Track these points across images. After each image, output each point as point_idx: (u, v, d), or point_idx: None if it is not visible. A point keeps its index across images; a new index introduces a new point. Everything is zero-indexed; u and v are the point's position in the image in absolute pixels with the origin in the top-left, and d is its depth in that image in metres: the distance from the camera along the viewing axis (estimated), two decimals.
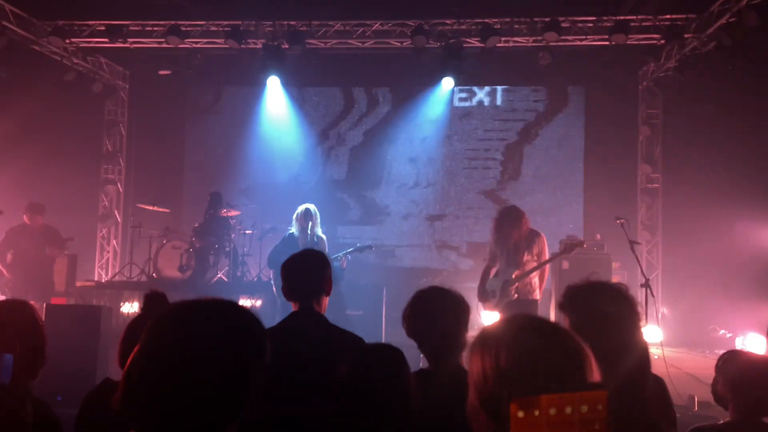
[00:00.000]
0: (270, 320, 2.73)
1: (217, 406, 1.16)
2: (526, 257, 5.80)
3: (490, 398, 1.12)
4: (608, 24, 8.29)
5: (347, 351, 1.83)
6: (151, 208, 9.14)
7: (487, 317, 6.08)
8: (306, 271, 2.66)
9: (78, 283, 8.25)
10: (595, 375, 1.14)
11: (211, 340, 1.18)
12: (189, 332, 1.18)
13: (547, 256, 5.90)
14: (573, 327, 2.03)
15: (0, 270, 7.44)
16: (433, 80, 9.64)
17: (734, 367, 2.44)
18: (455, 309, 2.29)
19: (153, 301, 2.12)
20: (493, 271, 5.99)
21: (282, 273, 2.69)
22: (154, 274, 8.09)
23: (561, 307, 2.15)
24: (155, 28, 8.93)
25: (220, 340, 1.18)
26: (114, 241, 10.62)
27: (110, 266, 10.50)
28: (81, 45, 9.21)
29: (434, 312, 2.28)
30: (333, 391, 1.70)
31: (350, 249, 7.03)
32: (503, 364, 1.13)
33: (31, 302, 2.24)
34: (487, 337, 1.20)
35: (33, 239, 7.44)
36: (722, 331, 8.20)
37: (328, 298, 2.71)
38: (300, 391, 2.33)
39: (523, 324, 1.21)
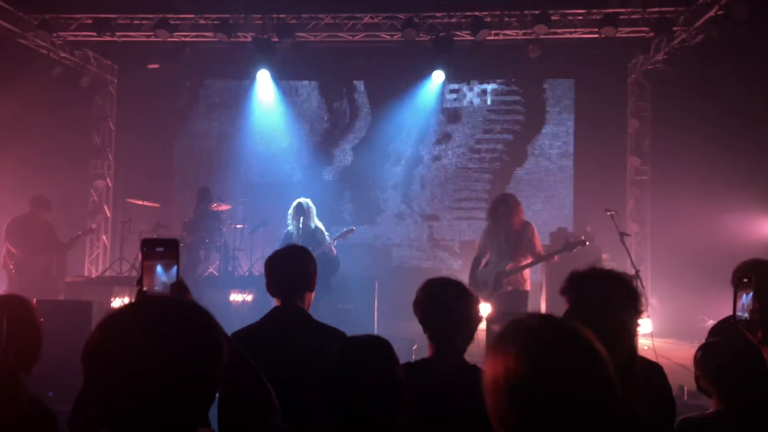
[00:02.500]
0: (261, 316, 2.73)
1: (176, 407, 1.14)
2: (519, 249, 5.81)
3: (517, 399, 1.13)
4: (597, 17, 8.32)
5: (328, 346, 1.82)
6: (140, 202, 9.11)
7: (480, 308, 6.08)
8: (288, 267, 2.65)
9: (68, 279, 8.21)
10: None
11: (159, 340, 1.14)
12: (136, 333, 1.15)
13: (538, 246, 5.92)
14: (570, 312, 2.05)
15: (6, 262, 7.37)
16: (424, 74, 9.64)
17: (713, 361, 2.47)
18: (468, 300, 2.31)
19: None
20: (482, 262, 6.00)
21: (265, 269, 2.68)
22: None
23: (562, 291, 2.16)
24: (143, 22, 8.86)
25: (170, 340, 1.15)
26: (104, 237, 10.56)
27: (100, 262, 10.44)
28: (68, 39, 9.12)
29: (448, 300, 2.29)
30: (318, 384, 1.69)
31: (334, 236, 7.02)
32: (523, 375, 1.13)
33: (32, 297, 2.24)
34: (532, 341, 1.18)
35: (37, 233, 7.39)
36: (711, 321, 8.27)
37: (312, 294, 2.69)
38: (280, 386, 2.33)
39: (571, 347, 1.17)
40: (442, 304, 2.28)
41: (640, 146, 9.72)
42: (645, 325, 6.97)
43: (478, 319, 2.32)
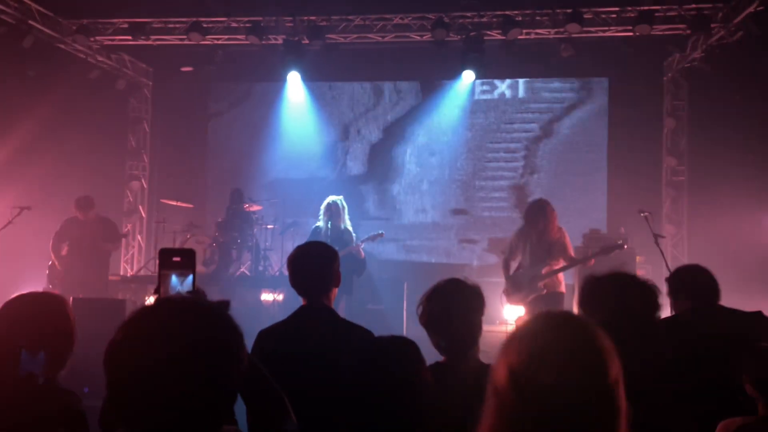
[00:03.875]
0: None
1: (194, 408, 1.15)
2: (552, 253, 5.75)
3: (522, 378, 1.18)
4: (632, 14, 8.15)
5: (355, 345, 1.81)
6: (174, 203, 9.27)
7: (511, 311, 6.05)
8: (312, 265, 2.65)
9: None
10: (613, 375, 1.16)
11: (175, 342, 1.15)
12: (153, 336, 1.16)
13: (570, 250, 5.85)
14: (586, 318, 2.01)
15: (53, 262, 7.53)
16: (454, 73, 9.57)
17: (758, 365, 2.38)
18: (470, 303, 2.27)
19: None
20: (513, 264, 5.96)
21: (288, 266, 2.69)
22: None
23: (579, 296, 2.14)
24: (177, 25, 9.01)
25: (186, 342, 1.15)
26: (139, 236, 10.77)
27: (135, 261, 10.65)
28: (105, 43, 9.32)
29: (449, 305, 2.26)
30: (343, 383, 1.69)
31: (363, 238, 7.05)
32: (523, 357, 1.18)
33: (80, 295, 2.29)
34: (521, 328, 1.26)
35: (88, 232, 7.52)
36: None
37: (336, 290, 2.70)
38: (306, 385, 2.33)
39: (552, 321, 1.24)
40: (449, 318, 2.25)
41: (676, 146, 9.50)
42: None
43: (480, 323, 2.30)
